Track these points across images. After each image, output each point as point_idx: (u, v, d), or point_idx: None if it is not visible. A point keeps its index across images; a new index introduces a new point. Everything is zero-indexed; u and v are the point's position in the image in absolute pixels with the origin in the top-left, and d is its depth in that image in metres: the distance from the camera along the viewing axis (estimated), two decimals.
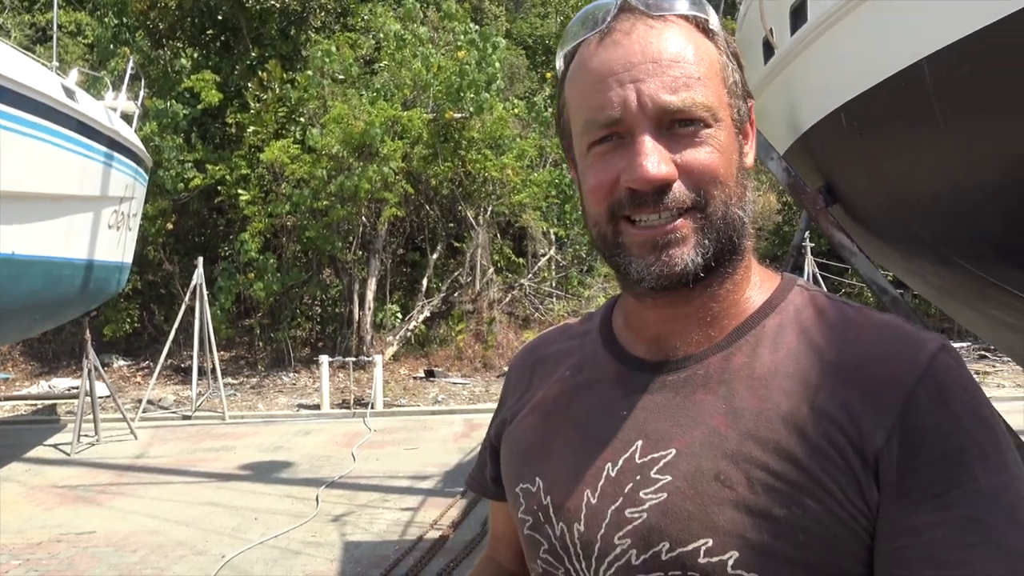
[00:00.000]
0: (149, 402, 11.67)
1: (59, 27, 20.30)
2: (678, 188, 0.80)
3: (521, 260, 16.70)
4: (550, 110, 16.07)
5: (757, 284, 0.90)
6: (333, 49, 14.19)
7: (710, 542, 0.76)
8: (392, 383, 13.19)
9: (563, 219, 16.03)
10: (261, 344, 15.09)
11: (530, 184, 14.67)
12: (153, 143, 13.51)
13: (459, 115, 14.29)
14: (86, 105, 7.33)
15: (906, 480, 0.73)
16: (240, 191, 13.90)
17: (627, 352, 0.93)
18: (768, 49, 4.60)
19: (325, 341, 15.28)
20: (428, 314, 15.56)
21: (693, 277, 0.81)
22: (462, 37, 14.62)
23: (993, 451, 0.74)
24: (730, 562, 0.75)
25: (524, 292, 16.36)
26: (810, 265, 10.89)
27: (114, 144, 8.11)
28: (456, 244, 16.36)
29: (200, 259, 11.64)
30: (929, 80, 2.82)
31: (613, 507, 0.83)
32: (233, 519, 6.41)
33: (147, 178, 10.39)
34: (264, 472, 8.05)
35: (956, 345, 12.38)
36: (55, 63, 7.21)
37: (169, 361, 13.27)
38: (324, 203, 13.53)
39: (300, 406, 12.13)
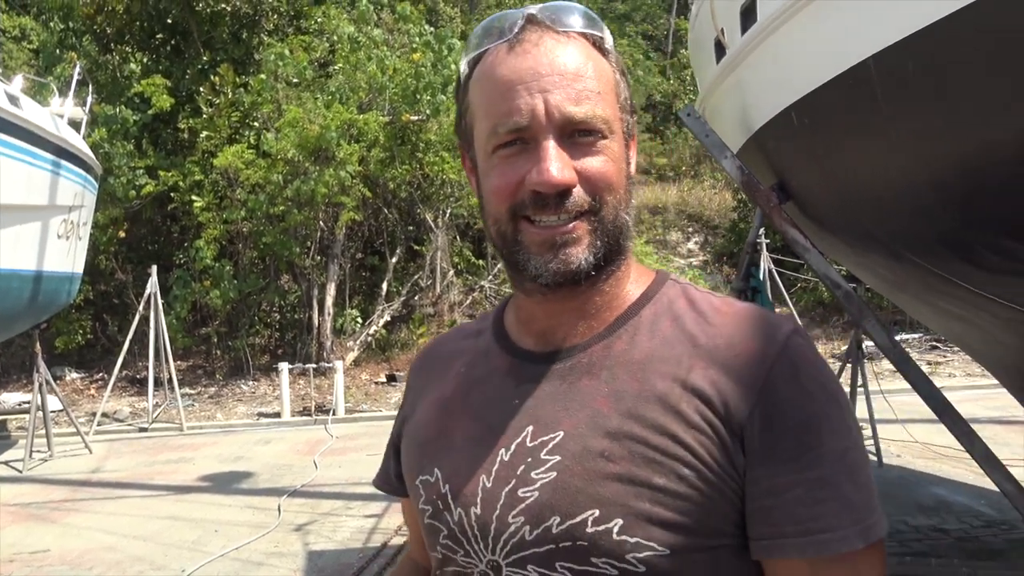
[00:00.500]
0: (104, 415, 11.42)
1: (2, 32, 19.80)
2: (577, 192, 0.87)
3: (481, 262, 16.69)
4: None
5: (635, 279, 0.98)
6: (286, 52, 14.05)
7: (597, 512, 0.83)
8: (353, 389, 13.08)
9: None
10: (219, 353, 14.87)
11: None
12: (103, 150, 13.23)
13: (416, 117, 14.22)
14: (31, 112, 7.16)
15: (767, 447, 0.83)
16: (194, 197, 13.68)
17: (517, 346, 1.00)
18: (720, 49, 4.65)
19: (284, 348, 15.11)
20: (389, 318, 15.46)
21: (585, 275, 0.89)
22: (417, 39, 14.57)
23: (837, 419, 0.85)
24: (615, 529, 0.82)
25: (485, 294, 16.35)
26: (766, 261, 11.02)
27: (61, 152, 7.93)
28: (415, 247, 16.29)
29: (154, 267, 11.42)
30: (875, 78, 2.87)
31: (507, 489, 0.89)
32: (193, 532, 6.30)
33: (97, 186, 10.18)
34: (224, 483, 7.92)
35: (908, 336, 12.57)
36: None
37: (124, 372, 13.00)
38: (280, 208, 13.38)
39: (260, 415, 11.97)
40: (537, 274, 0.89)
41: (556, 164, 0.85)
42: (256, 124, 14.36)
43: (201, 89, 14.46)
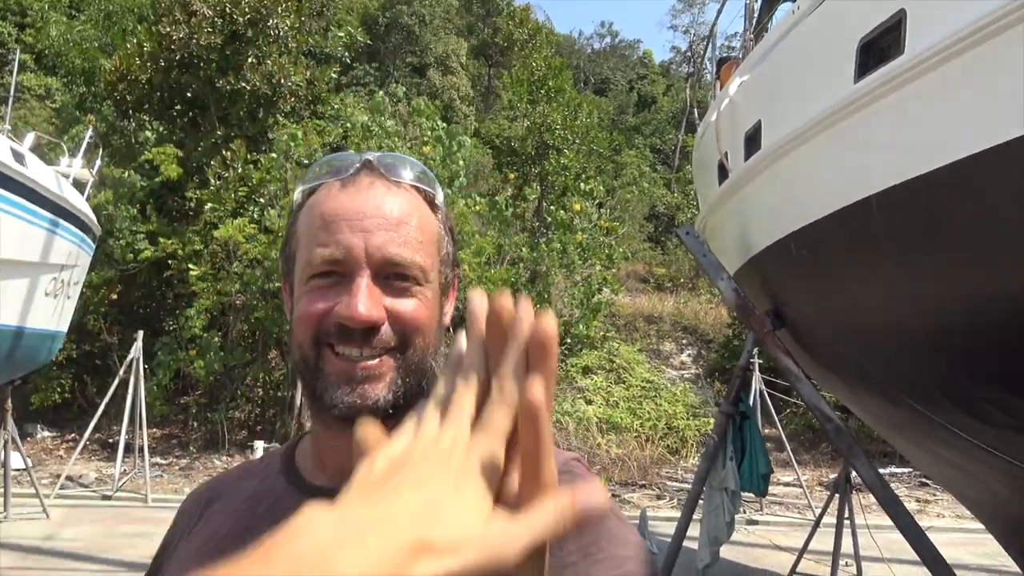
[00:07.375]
0: (68, 478, 11.07)
1: (28, 90, 20.25)
2: (385, 330, 0.89)
3: None
4: (510, 210, 16.28)
5: None
6: (299, 134, 14.30)
7: None
8: None
9: None
10: (196, 424, 14.56)
11: (486, 280, 14.69)
12: (106, 211, 13.29)
13: None
14: (35, 170, 7.19)
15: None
16: (191, 266, 13.67)
17: (310, 483, 0.97)
18: (723, 171, 4.69)
19: (264, 425, 14.81)
20: None
21: (382, 412, 0.88)
22: (429, 133, 14.88)
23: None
24: None
25: None
26: (757, 382, 10.91)
27: (60, 211, 7.93)
28: None
29: (140, 333, 11.29)
30: (877, 217, 2.85)
31: None
32: None
33: (94, 247, 10.15)
34: None
35: (898, 470, 12.35)
36: (7, 127, 7.09)
37: (97, 435, 12.69)
38: (276, 284, 13.35)
39: None
40: (332, 404, 0.89)
41: (366, 301, 0.87)
42: (262, 200, 14.48)
43: (212, 162, 14.65)
